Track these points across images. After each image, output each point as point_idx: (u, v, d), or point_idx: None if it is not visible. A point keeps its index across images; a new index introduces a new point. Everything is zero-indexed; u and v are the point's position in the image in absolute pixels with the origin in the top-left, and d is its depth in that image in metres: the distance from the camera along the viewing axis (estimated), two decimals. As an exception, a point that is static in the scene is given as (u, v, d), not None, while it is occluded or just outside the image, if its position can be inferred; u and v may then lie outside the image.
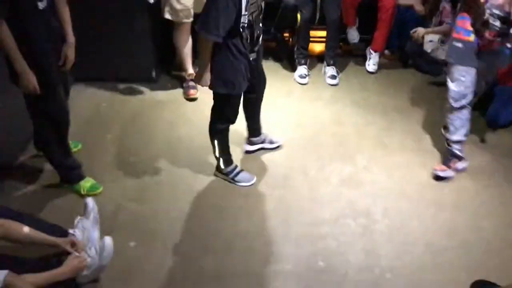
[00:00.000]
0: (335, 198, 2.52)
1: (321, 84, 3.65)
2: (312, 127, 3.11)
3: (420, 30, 3.28)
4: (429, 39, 3.75)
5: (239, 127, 2.67)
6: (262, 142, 2.85)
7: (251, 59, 2.27)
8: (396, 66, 3.94)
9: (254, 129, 2.78)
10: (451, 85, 2.49)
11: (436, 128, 3.05)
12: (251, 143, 2.82)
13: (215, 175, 2.64)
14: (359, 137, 3.00)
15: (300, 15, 3.58)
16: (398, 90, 3.56)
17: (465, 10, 2.41)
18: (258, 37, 2.29)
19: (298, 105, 3.39)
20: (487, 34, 2.40)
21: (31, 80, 2.03)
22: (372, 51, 3.83)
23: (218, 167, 2.62)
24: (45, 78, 2.09)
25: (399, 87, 3.62)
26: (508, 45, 2.43)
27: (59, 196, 2.47)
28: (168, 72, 3.66)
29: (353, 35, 3.86)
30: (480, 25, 2.37)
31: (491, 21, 2.36)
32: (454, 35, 2.45)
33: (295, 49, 3.78)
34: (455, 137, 2.58)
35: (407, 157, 2.82)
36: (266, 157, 2.82)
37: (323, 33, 3.80)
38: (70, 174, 2.47)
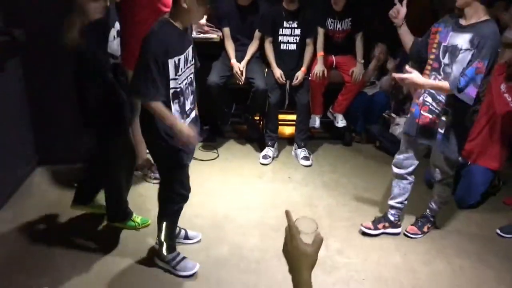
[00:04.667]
0: (309, 284, 2.41)
1: (292, 166, 3.69)
2: (285, 209, 3.06)
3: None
4: (396, 122, 3.95)
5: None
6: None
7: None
8: (363, 148, 4.06)
9: None
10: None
11: (406, 209, 3.09)
12: None
13: (154, 262, 2.47)
14: (332, 219, 2.98)
15: (268, 100, 3.71)
16: (367, 172, 3.63)
17: None
18: (190, 110, 2.26)
19: (270, 186, 3.38)
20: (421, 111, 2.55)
21: None
22: (334, 112, 4.01)
23: (159, 254, 2.44)
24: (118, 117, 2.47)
25: (368, 168, 3.69)
26: (440, 130, 2.49)
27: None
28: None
29: (315, 121, 3.98)
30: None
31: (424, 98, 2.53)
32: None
33: (264, 131, 3.86)
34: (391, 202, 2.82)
35: (380, 239, 2.79)
36: (239, 238, 2.74)
37: (293, 117, 3.92)
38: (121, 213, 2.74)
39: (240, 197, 3.20)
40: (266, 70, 3.81)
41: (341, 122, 3.97)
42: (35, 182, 3.24)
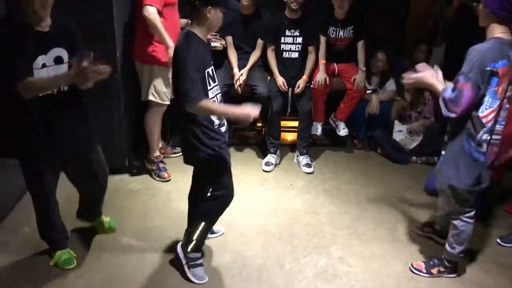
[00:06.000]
0: (311, 292, 2.44)
1: (294, 173, 3.71)
2: (287, 216, 3.10)
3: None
4: (398, 129, 3.98)
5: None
6: None
7: (223, 130, 2.32)
8: (365, 155, 4.08)
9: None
10: None
11: (407, 217, 3.11)
12: None
13: (176, 250, 2.49)
14: (333, 227, 3.00)
15: (270, 107, 3.73)
16: (369, 179, 3.65)
17: None
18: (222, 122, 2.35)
19: (272, 193, 3.41)
20: None
21: None
22: (336, 120, 4.02)
23: (184, 247, 2.45)
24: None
25: (370, 175, 3.71)
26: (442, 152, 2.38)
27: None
28: (142, 160, 3.65)
29: (317, 128, 4.00)
30: None
31: None
32: None
33: (266, 138, 3.88)
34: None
35: (381, 248, 2.80)
36: (240, 246, 2.76)
37: (295, 123, 3.94)
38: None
39: (242, 204, 3.21)
40: (269, 78, 3.84)
41: (343, 131, 3.99)
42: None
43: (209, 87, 2.20)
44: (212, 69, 2.24)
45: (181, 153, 3.73)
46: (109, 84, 3.13)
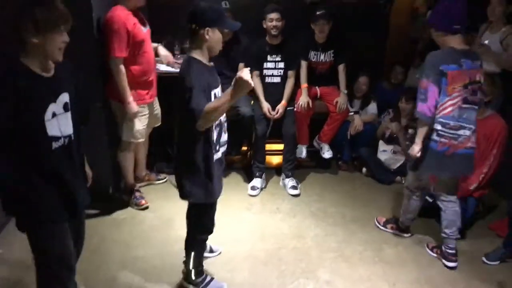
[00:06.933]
0: (299, 318, 2.42)
1: (280, 196, 3.71)
2: (273, 241, 3.08)
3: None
4: (383, 148, 4.02)
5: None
6: None
7: (215, 158, 2.28)
8: (350, 177, 4.11)
9: None
10: None
11: (393, 237, 3.12)
12: None
13: (182, 285, 2.54)
14: (320, 250, 2.99)
15: (255, 131, 3.75)
16: (354, 200, 3.67)
17: None
18: (224, 142, 2.34)
19: (258, 218, 3.39)
20: None
21: None
22: (321, 142, 4.05)
23: (188, 278, 2.52)
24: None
25: (355, 196, 3.73)
26: None
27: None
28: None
29: (302, 151, 4.01)
30: None
31: None
32: None
33: (252, 162, 3.89)
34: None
35: (368, 270, 2.80)
36: (227, 273, 2.72)
37: (280, 147, 3.96)
38: None
39: (229, 229, 3.19)
40: (252, 102, 3.86)
41: (327, 153, 4.02)
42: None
43: None
44: (216, 92, 2.16)
45: (165, 180, 3.79)
46: (93, 115, 3.13)
